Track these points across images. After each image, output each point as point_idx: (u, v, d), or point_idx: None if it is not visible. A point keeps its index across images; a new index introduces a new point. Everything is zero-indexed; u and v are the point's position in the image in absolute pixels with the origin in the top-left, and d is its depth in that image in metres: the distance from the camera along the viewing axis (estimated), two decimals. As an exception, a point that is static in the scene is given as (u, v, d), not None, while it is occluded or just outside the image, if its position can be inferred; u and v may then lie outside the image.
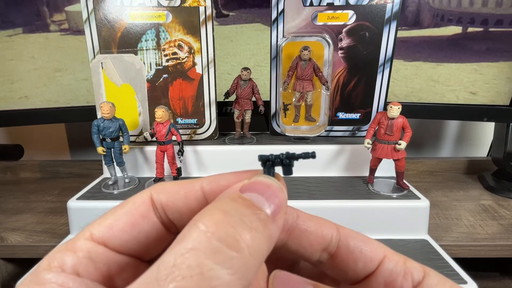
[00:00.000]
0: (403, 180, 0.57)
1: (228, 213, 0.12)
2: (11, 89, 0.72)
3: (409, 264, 0.15)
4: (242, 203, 0.13)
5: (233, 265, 0.11)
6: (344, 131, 0.68)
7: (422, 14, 0.67)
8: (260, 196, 0.13)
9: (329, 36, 0.61)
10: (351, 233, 0.16)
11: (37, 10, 0.68)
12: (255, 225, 0.12)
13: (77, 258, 0.13)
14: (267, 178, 0.14)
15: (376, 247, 0.16)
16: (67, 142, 0.99)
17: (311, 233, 0.16)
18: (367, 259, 0.15)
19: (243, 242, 0.11)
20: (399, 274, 0.15)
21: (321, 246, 0.16)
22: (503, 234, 0.57)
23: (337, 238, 0.16)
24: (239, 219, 0.12)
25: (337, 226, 0.16)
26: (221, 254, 0.11)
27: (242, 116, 0.65)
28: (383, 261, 0.15)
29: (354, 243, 0.16)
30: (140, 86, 0.62)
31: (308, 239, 0.16)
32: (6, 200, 0.71)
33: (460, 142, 0.97)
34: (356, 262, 0.16)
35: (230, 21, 0.69)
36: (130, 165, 0.62)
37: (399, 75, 0.71)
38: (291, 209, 0.16)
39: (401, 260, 0.16)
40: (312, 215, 0.16)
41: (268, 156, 0.15)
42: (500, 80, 0.68)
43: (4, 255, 0.58)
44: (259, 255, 0.12)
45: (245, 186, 0.14)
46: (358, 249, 0.16)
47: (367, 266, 0.15)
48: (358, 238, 0.16)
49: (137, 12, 0.59)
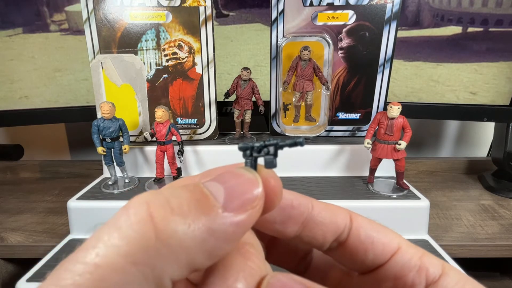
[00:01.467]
0: (403, 180, 0.57)
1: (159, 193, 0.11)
2: (11, 89, 0.72)
3: (426, 259, 0.14)
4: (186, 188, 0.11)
5: (136, 255, 0.10)
6: (344, 131, 0.68)
7: (422, 14, 0.67)
8: (219, 185, 0.12)
9: (329, 36, 0.61)
10: (365, 222, 0.15)
11: (37, 10, 0.68)
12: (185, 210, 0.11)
13: None
14: (242, 169, 0.12)
15: (390, 238, 0.15)
16: (67, 142, 0.99)
17: (325, 224, 0.15)
18: (378, 251, 0.15)
19: (158, 227, 0.10)
20: (412, 269, 0.14)
21: (333, 236, 0.15)
22: (503, 234, 0.57)
23: (349, 227, 0.15)
24: (164, 202, 0.11)
25: (350, 214, 0.16)
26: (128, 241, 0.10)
27: (242, 116, 0.65)
28: (396, 253, 0.15)
29: (366, 233, 0.15)
30: (140, 86, 0.62)
31: (322, 231, 0.15)
32: (6, 200, 0.71)
33: (460, 142, 0.97)
34: (366, 253, 0.15)
35: (230, 21, 0.69)
36: (130, 165, 0.62)
37: (399, 75, 0.71)
38: (306, 199, 0.15)
39: (417, 254, 0.15)
40: (326, 204, 0.16)
41: (247, 145, 0.13)
42: (500, 80, 0.68)
43: (4, 255, 0.58)
44: (180, 245, 0.10)
45: (214, 177, 0.12)
46: (369, 240, 0.15)
47: (377, 257, 0.15)
48: (371, 228, 0.15)
49: (137, 12, 0.59)
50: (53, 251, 0.51)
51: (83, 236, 0.54)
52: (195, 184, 0.12)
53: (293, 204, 0.15)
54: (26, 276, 0.45)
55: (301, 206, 0.15)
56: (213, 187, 0.12)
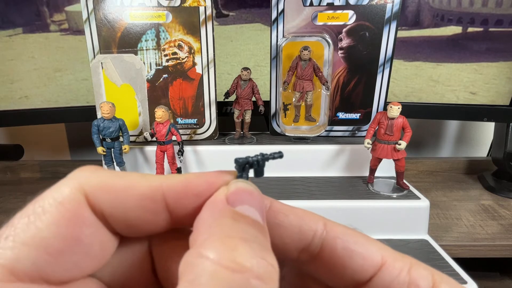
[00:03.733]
0: (403, 180, 0.57)
1: (232, 237, 0.11)
2: (11, 89, 0.72)
3: (415, 273, 0.13)
4: (243, 221, 0.11)
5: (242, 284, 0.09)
6: (344, 131, 0.68)
7: (422, 14, 0.67)
8: (252, 209, 0.12)
9: (329, 36, 0.61)
10: (342, 233, 0.13)
11: (37, 10, 0.68)
12: (258, 240, 0.11)
13: None
14: (245, 183, 0.13)
15: (371, 251, 0.13)
16: (67, 142, 0.99)
17: (285, 228, 0.13)
18: (358, 267, 0.13)
19: (251, 267, 0.10)
20: (401, 286, 0.13)
21: (297, 245, 0.13)
22: (503, 234, 0.57)
23: (321, 237, 0.13)
24: (261, 246, 0.11)
25: (325, 222, 0.14)
26: (233, 281, 0.09)
27: (242, 116, 0.65)
28: (382, 268, 0.13)
29: (344, 245, 0.13)
30: (140, 86, 0.62)
31: (280, 237, 0.13)
32: (6, 200, 0.71)
33: (460, 142, 0.97)
34: (344, 268, 0.13)
35: (230, 21, 0.69)
36: (130, 165, 0.62)
37: (399, 75, 0.71)
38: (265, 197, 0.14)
39: (405, 268, 0.13)
40: (292, 207, 0.14)
41: (247, 159, 0.14)
42: (500, 80, 0.68)
43: (4, 255, 0.58)
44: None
45: (232, 198, 0.12)
46: (347, 253, 0.13)
47: (357, 273, 0.13)
48: (350, 239, 0.13)
49: (137, 12, 0.59)
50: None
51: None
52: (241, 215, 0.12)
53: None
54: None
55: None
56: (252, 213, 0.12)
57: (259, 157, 0.14)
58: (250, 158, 0.14)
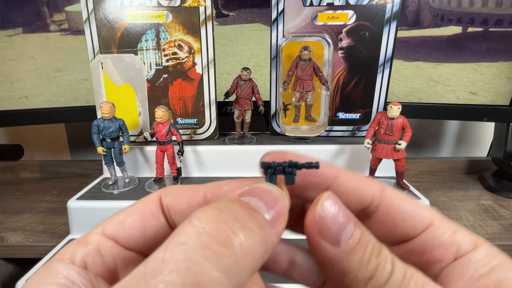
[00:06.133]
0: (403, 180, 0.57)
1: (223, 210, 0.12)
2: (11, 89, 0.72)
3: (459, 236, 0.14)
4: (238, 203, 0.13)
5: (222, 261, 0.11)
6: (344, 131, 0.68)
7: (422, 14, 0.67)
8: (258, 201, 0.13)
9: (329, 36, 0.61)
10: (397, 198, 0.15)
11: (37, 10, 0.68)
12: (250, 225, 0.12)
13: (87, 250, 0.14)
14: (267, 185, 0.14)
15: (423, 214, 0.14)
16: (67, 142, 0.99)
17: (350, 194, 0.15)
18: (408, 227, 0.14)
19: (235, 239, 0.11)
20: (442, 245, 0.14)
21: (358, 208, 0.15)
22: (503, 234, 0.57)
23: (378, 201, 0.15)
24: (233, 217, 0.12)
25: (382, 188, 0.15)
26: (211, 249, 0.11)
27: (242, 116, 0.65)
28: (428, 228, 0.14)
29: (397, 209, 0.15)
30: (140, 86, 0.62)
31: (345, 200, 0.14)
32: (6, 200, 0.71)
33: (460, 142, 0.97)
34: (395, 228, 0.15)
35: (230, 21, 0.69)
36: (130, 165, 0.62)
37: (399, 75, 0.71)
38: (331, 169, 0.15)
39: (449, 230, 0.14)
40: (357, 176, 0.15)
41: (270, 164, 0.14)
42: (500, 80, 0.68)
43: (4, 255, 0.58)
44: (252, 256, 0.11)
45: (245, 191, 0.13)
46: (400, 216, 0.15)
47: (406, 233, 0.15)
48: (403, 203, 0.15)
49: (137, 12, 0.59)
50: (53, 251, 0.51)
51: (83, 236, 0.54)
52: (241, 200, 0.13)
53: (316, 171, 0.15)
54: (26, 276, 0.45)
55: (324, 174, 0.15)
56: (255, 202, 0.13)
57: (286, 163, 0.14)
58: (273, 163, 0.14)
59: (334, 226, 0.13)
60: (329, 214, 0.13)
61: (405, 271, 0.12)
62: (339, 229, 0.13)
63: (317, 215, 0.13)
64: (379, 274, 0.12)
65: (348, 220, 0.13)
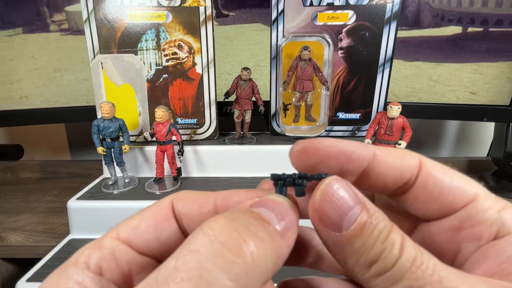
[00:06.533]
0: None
1: (235, 220, 0.12)
2: (11, 89, 0.72)
3: (506, 214, 0.13)
4: (250, 214, 0.13)
5: (234, 270, 0.11)
6: (344, 131, 0.68)
7: (422, 14, 0.67)
8: (269, 211, 0.13)
9: (329, 36, 0.61)
10: (438, 171, 0.14)
11: (37, 10, 0.68)
12: (261, 235, 0.12)
13: (102, 255, 0.14)
14: (278, 196, 0.14)
15: (466, 188, 0.14)
16: (67, 142, 0.99)
17: (387, 175, 0.14)
18: (448, 202, 0.14)
19: (246, 248, 0.11)
20: (485, 223, 0.13)
21: (395, 186, 0.14)
22: (503, 234, 0.57)
23: (415, 175, 0.14)
24: (245, 227, 0.12)
25: (421, 160, 0.14)
26: (223, 258, 0.11)
27: (242, 116, 0.65)
28: (471, 203, 0.13)
29: (435, 182, 0.14)
30: (140, 86, 0.62)
31: (382, 181, 0.14)
32: (6, 200, 0.71)
33: (460, 142, 0.97)
34: (432, 202, 0.14)
35: (230, 21, 0.69)
36: (130, 165, 0.62)
37: (399, 75, 0.71)
38: (367, 150, 0.14)
39: (495, 207, 0.13)
40: (392, 152, 0.14)
41: (280, 175, 0.14)
42: (500, 80, 0.68)
43: (4, 255, 0.58)
44: (263, 266, 0.11)
45: (255, 202, 0.14)
46: (438, 190, 0.14)
47: (445, 208, 0.14)
48: (445, 177, 0.14)
49: (137, 12, 0.59)
50: (53, 251, 0.51)
51: (83, 236, 0.54)
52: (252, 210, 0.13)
53: (352, 157, 0.14)
54: (26, 276, 0.45)
55: (360, 159, 0.14)
56: (266, 213, 0.13)
57: (296, 175, 0.14)
58: (284, 175, 0.14)
59: (335, 213, 0.12)
60: (330, 201, 0.13)
61: (414, 257, 0.12)
62: (340, 216, 0.12)
63: (316, 202, 0.13)
64: (383, 259, 0.12)
65: (354, 204, 0.12)
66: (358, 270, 0.12)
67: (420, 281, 0.11)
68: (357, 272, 0.12)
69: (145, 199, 0.54)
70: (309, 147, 0.14)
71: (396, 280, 0.12)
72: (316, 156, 0.14)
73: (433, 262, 0.12)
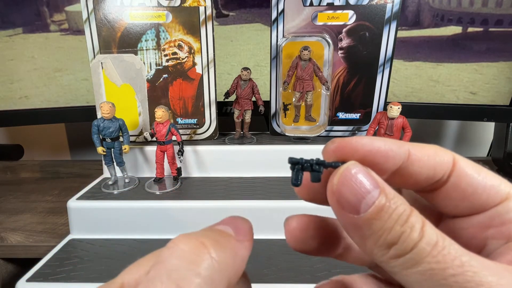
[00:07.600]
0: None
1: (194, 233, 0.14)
2: (11, 89, 0.72)
3: None
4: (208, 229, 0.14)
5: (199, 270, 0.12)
6: (344, 131, 0.68)
7: (422, 14, 0.67)
8: (225, 225, 0.15)
9: (329, 36, 0.61)
10: (471, 170, 0.14)
11: (37, 10, 0.68)
12: (219, 239, 0.13)
13: None
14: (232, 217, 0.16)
15: (498, 189, 0.13)
16: (67, 142, 1.00)
17: (421, 173, 0.14)
18: (479, 202, 0.14)
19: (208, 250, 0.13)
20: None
21: (427, 184, 0.14)
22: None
23: (448, 174, 0.14)
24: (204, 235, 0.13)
25: (455, 158, 0.14)
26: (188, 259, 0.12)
27: (242, 116, 0.65)
28: (503, 202, 0.13)
29: (468, 182, 0.14)
30: (140, 86, 0.62)
31: (414, 180, 0.14)
32: (6, 200, 0.71)
33: (460, 142, 0.97)
34: (464, 200, 0.14)
35: (230, 21, 0.69)
36: (130, 165, 0.62)
37: (399, 75, 0.71)
38: (401, 148, 0.14)
39: None
40: (427, 150, 0.14)
41: (298, 160, 0.14)
42: (500, 80, 0.68)
43: (4, 255, 0.58)
44: (225, 264, 0.13)
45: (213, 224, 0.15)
46: (471, 189, 0.14)
47: (476, 206, 0.14)
48: (478, 176, 0.14)
49: (137, 12, 0.59)
50: (53, 251, 0.51)
51: (83, 236, 0.54)
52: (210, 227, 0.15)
53: (388, 156, 0.14)
54: (26, 276, 0.45)
55: (396, 157, 0.14)
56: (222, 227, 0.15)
57: (314, 161, 0.14)
58: (302, 160, 0.14)
59: (352, 196, 0.13)
60: (347, 184, 0.13)
61: (436, 241, 0.12)
62: (358, 199, 0.13)
63: (334, 185, 0.13)
64: (402, 241, 0.12)
65: (372, 188, 0.13)
66: (377, 251, 0.13)
67: (441, 265, 0.11)
68: (376, 253, 0.13)
69: (145, 199, 0.54)
70: (346, 146, 0.14)
71: (416, 262, 0.12)
72: (352, 155, 0.14)
73: (455, 248, 0.12)
